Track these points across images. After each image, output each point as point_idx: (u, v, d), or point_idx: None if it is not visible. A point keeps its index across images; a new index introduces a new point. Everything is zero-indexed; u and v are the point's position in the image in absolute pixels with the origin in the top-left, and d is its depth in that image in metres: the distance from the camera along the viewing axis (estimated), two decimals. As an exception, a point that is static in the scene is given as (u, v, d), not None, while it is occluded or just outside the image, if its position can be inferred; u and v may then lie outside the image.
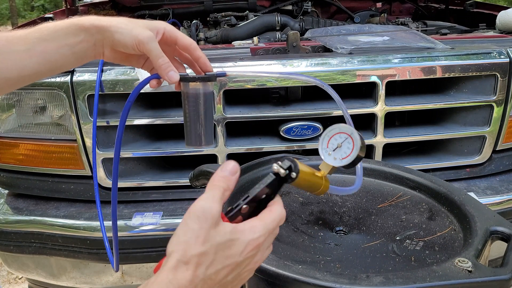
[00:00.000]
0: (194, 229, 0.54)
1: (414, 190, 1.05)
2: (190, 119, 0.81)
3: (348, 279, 0.70)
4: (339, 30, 1.76)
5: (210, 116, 0.82)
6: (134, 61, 0.83)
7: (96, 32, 0.75)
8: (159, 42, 0.77)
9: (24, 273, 1.54)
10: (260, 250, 0.59)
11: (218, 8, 2.37)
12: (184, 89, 0.80)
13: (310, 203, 1.01)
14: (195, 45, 0.80)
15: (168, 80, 0.76)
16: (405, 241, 0.86)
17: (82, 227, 1.39)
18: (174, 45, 0.81)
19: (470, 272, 0.70)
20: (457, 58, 1.41)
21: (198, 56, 0.81)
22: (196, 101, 0.80)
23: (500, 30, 1.76)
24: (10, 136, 1.44)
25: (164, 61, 0.75)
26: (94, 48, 0.77)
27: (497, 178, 1.56)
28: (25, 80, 0.75)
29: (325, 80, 1.37)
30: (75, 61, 0.78)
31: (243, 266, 0.58)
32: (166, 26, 0.79)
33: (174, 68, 0.76)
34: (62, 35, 0.74)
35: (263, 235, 0.58)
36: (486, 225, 0.84)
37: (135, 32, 0.74)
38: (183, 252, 0.53)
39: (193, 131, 0.81)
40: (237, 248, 0.56)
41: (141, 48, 0.74)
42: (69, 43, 0.75)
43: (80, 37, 0.75)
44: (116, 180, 0.86)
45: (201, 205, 0.55)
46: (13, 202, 1.52)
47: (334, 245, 0.86)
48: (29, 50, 0.73)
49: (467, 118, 1.49)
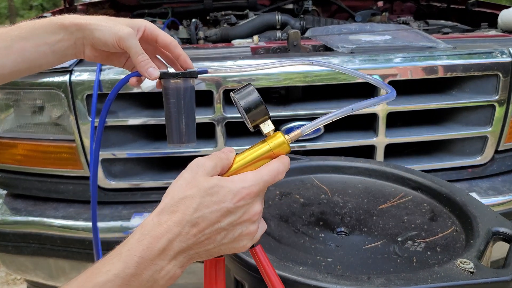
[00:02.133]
0: (185, 177, 0.57)
1: (415, 191, 1.04)
2: (171, 117, 0.79)
3: (349, 281, 0.69)
4: (340, 29, 1.75)
5: (192, 114, 0.80)
6: (115, 60, 0.83)
7: (76, 30, 0.74)
8: (140, 40, 0.76)
9: (23, 274, 1.54)
10: (255, 202, 0.58)
11: (218, 7, 2.36)
12: (165, 86, 0.78)
13: (311, 203, 1.01)
14: (176, 43, 0.80)
15: (147, 76, 0.75)
16: (407, 242, 0.85)
17: (81, 228, 1.38)
18: (155, 43, 0.80)
19: (472, 273, 0.69)
20: (459, 58, 1.41)
21: (178, 53, 0.80)
22: (178, 99, 0.78)
23: (502, 29, 1.75)
24: (9, 136, 1.43)
25: (144, 57, 0.75)
26: (74, 46, 0.76)
27: (499, 179, 1.55)
28: (5, 78, 0.75)
29: (325, 80, 1.36)
30: (55, 60, 0.77)
31: (238, 216, 0.56)
32: (146, 24, 0.78)
33: (154, 65, 0.76)
34: (41, 33, 0.74)
35: (255, 184, 0.57)
36: (488, 226, 0.83)
37: (115, 29, 0.73)
38: (171, 195, 0.55)
39: (175, 129, 0.79)
40: (226, 194, 0.55)
41: (121, 45, 0.74)
42: (48, 42, 0.74)
43: (60, 35, 0.74)
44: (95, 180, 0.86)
45: (196, 160, 0.59)
46: (12, 202, 1.51)
47: (335, 246, 0.85)
48: (7, 48, 0.72)
49: (469, 118, 1.48)
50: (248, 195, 0.56)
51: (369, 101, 0.64)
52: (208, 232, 0.55)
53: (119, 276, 0.50)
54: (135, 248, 0.52)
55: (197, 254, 0.56)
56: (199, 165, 0.58)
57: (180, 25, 2.21)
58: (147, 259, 0.52)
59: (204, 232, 0.54)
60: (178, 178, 0.57)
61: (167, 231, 0.53)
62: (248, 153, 0.61)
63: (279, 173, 0.59)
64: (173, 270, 0.54)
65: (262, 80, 1.35)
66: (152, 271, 0.52)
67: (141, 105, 1.41)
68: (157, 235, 0.52)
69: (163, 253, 0.52)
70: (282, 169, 0.60)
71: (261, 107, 0.61)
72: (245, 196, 0.56)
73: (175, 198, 0.55)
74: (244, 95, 0.61)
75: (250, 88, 0.62)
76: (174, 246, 0.53)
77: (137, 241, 0.52)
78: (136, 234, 0.53)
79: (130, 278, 0.51)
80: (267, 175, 0.58)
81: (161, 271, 0.53)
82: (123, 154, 1.41)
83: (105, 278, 0.50)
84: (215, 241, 0.56)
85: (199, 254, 0.56)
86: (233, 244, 0.58)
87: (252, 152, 0.61)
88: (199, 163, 0.58)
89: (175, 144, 0.80)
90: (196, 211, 0.54)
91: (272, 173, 0.59)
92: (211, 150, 1.40)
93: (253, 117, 0.62)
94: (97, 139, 0.82)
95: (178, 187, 0.56)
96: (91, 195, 0.91)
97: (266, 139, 0.62)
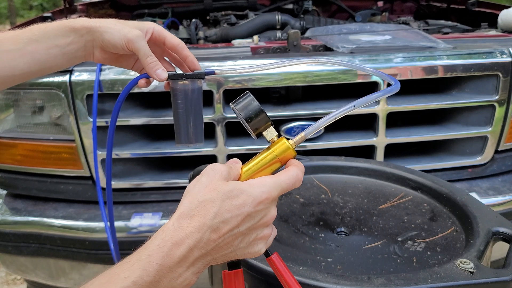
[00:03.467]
0: (202, 181, 0.57)
1: (415, 191, 1.04)
2: (179, 117, 0.80)
3: (349, 281, 0.69)
4: (340, 29, 1.75)
5: (199, 115, 0.82)
6: (124, 62, 0.84)
7: (86, 33, 0.76)
8: (148, 42, 0.77)
9: (23, 274, 1.53)
10: (273, 206, 0.58)
11: (218, 7, 2.36)
12: (173, 87, 0.79)
13: (311, 204, 1.01)
14: (183, 44, 0.81)
15: (156, 78, 0.76)
16: (407, 242, 0.85)
17: (81, 228, 1.38)
18: (163, 45, 0.82)
19: (472, 273, 0.69)
20: (459, 58, 1.41)
21: (186, 55, 0.81)
22: (185, 100, 0.79)
23: (502, 29, 1.75)
24: (9, 136, 1.43)
25: (152, 59, 0.76)
26: (84, 49, 0.78)
27: (499, 179, 1.55)
28: (16, 80, 0.77)
29: (325, 80, 1.36)
30: (65, 62, 0.78)
31: (256, 220, 0.56)
32: (154, 26, 0.80)
33: (162, 66, 0.77)
34: (52, 36, 0.75)
35: (275, 189, 0.57)
36: (488, 226, 0.83)
37: (124, 31, 0.75)
38: (190, 199, 0.55)
39: (183, 130, 0.81)
40: (246, 198, 0.55)
41: (130, 47, 0.75)
42: (59, 44, 0.76)
43: (70, 38, 0.76)
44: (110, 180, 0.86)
45: (212, 165, 0.59)
46: (12, 202, 1.51)
47: (335, 246, 0.85)
48: (20, 50, 0.74)
49: (469, 118, 1.48)
50: (267, 199, 0.56)
51: (374, 95, 0.64)
52: (227, 236, 0.55)
53: (137, 284, 0.50)
54: (155, 255, 0.51)
55: (214, 260, 0.56)
56: (215, 170, 0.58)
57: (180, 25, 2.21)
58: (167, 266, 0.51)
59: (224, 237, 0.54)
60: (195, 183, 0.57)
61: (187, 236, 0.52)
62: (255, 163, 0.62)
63: (297, 180, 0.60)
64: (190, 277, 0.54)
65: (262, 80, 1.35)
66: (170, 278, 0.52)
67: (141, 105, 1.41)
68: (177, 241, 0.52)
69: (182, 260, 0.52)
70: (301, 176, 0.60)
71: (262, 115, 0.62)
72: (264, 201, 0.56)
73: (194, 202, 0.54)
74: (244, 105, 0.62)
75: (249, 97, 0.62)
76: (194, 253, 0.53)
77: (158, 247, 0.52)
78: (157, 239, 0.53)
79: (148, 285, 0.51)
80: (286, 182, 0.59)
81: (178, 278, 0.53)
82: (124, 154, 1.41)
83: (123, 285, 0.50)
84: (233, 245, 0.56)
85: (216, 259, 0.56)
86: (249, 249, 0.58)
87: (258, 161, 0.62)
88: (215, 168, 0.58)
89: (183, 144, 0.82)
90: (216, 216, 0.54)
91: (291, 179, 0.59)
92: (211, 150, 1.40)
93: (255, 126, 0.62)
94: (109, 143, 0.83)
95: (197, 190, 0.56)
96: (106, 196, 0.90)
97: (271, 146, 0.63)
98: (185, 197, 0.56)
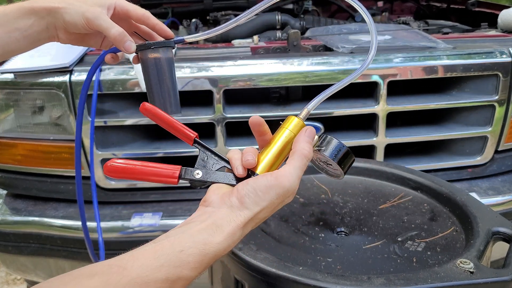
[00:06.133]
0: (273, 202, 0.60)
1: (415, 191, 1.04)
2: (153, 89, 0.78)
3: (349, 281, 0.69)
4: (340, 29, 1.75)
5: (173, 85, 0.79)
6: (91, 41, 0.81)
7: (47, 14, 0.73)
8: (113, 19, 0.74)
9: (23, 274, 1.53)
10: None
11: (218, 7, 2.36)
12: (143, 59, 0.76)
13: (311, 203, 1.01)
14: (149, 13, 0.78)
15: (125, 50, 0.74)
16: (407, 242, 0.85)
17: (81, 228, 1.38)
18: (129, 19, 0.78)
19: (472, 273, 0.70)
20: (459, 58, 1.40)
21: (153, 23, 0.78)
22: (157, 70, 0.76)
23: (502, 29, 1.75)
24: (9, 136, 1.43)
25: (118, 30, 0.72)
26: (47, 31, 0.75)
27: (499, 179, 1.55)
28: None
29: (326, 80, 1.36)
30: (28, 45, 0.76)
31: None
32: (116, 1, 0.76)
33: (130, 38, 0.74)
34: (11, 19, 0.72)
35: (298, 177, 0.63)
36: (488, 226, 0.83)
37: (82, 9, 0.72)
38: (253, 209, 0.59)
39: (158, 102, 0.78)
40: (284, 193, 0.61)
41: (91, 25, 0.72)
42: (20, 27, 0.73)
43: (31, 20, 0.73)
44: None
45: (287, 185, 0.61)
46: (12, 202, 1.51)
47: (335, 246, 0.85)
48: None
49: (469, 118, 1.48)
50: (297, 186, 0.62)
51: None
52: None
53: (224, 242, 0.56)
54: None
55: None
56: (288, 191, 0.62)
57: (180, 25, 2.21)
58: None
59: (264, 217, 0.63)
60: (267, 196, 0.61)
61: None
62: (272, 146, 0.71)
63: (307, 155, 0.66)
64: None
65: (262, 80, 1.35)
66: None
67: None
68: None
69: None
70: (308, 150, 0.66)
71: (350, 155, 0.71)
72: (295, 190, 0.62)
73: (257, 217, 0.61)
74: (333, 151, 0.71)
75: (338, 143, 0.72)
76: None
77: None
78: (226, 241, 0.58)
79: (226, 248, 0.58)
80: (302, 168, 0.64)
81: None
82: (124, 154, 1.40)
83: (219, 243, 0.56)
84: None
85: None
86: None
87: (274, 143, 0.71)
88: (288, 190, 0.62)
89: None
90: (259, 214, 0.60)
91: (303, 159, 0.65)
92: (211, 150, 1.40)
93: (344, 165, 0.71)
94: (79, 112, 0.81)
95: (264, 207, 0.60)
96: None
97: (282, 126, 0.72)
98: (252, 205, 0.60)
